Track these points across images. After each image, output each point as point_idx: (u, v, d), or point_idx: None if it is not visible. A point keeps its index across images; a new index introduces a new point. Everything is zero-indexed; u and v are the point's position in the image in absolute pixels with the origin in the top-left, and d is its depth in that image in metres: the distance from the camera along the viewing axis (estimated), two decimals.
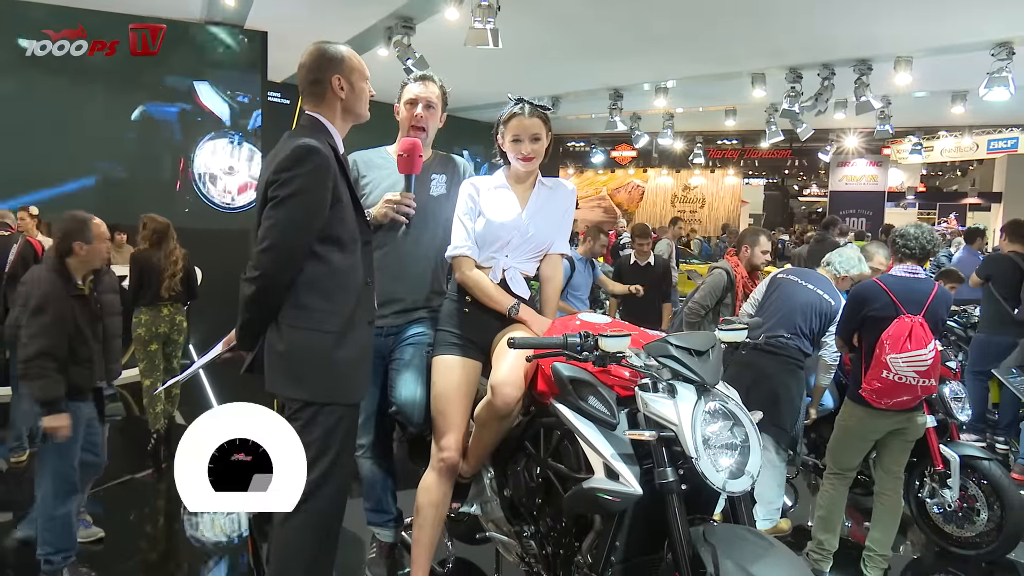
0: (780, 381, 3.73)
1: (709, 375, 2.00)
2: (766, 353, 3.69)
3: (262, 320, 2.21)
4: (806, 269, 4.26)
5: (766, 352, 3.68)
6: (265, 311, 2.19)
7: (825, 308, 3.78)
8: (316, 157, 2.14)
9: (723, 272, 4.62)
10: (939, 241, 3.48)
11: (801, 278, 3.93)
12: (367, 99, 2.38)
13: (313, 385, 2.14)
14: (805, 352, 3.79)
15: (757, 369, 3.71)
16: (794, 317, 3.74)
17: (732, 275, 4.60)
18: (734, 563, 1.76)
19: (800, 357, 3.78)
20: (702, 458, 1.86)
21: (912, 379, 3.18)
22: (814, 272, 4.04)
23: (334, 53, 2.30)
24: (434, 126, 2.85)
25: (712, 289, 4.58)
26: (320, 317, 2.18)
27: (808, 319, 3.76)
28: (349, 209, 2.26)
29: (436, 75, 2.87)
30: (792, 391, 3.76)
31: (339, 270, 2.22)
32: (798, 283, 3.89)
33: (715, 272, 4.68)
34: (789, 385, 3.75)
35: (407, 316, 2.76)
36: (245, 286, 2.17)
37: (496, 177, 2.70)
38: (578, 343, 2.02)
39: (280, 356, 2.18)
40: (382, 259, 2.71)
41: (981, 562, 3.75)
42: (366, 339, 2.33)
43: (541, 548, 2.41)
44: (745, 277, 4.60)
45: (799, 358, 3.78)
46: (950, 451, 3.70)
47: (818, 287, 3.84)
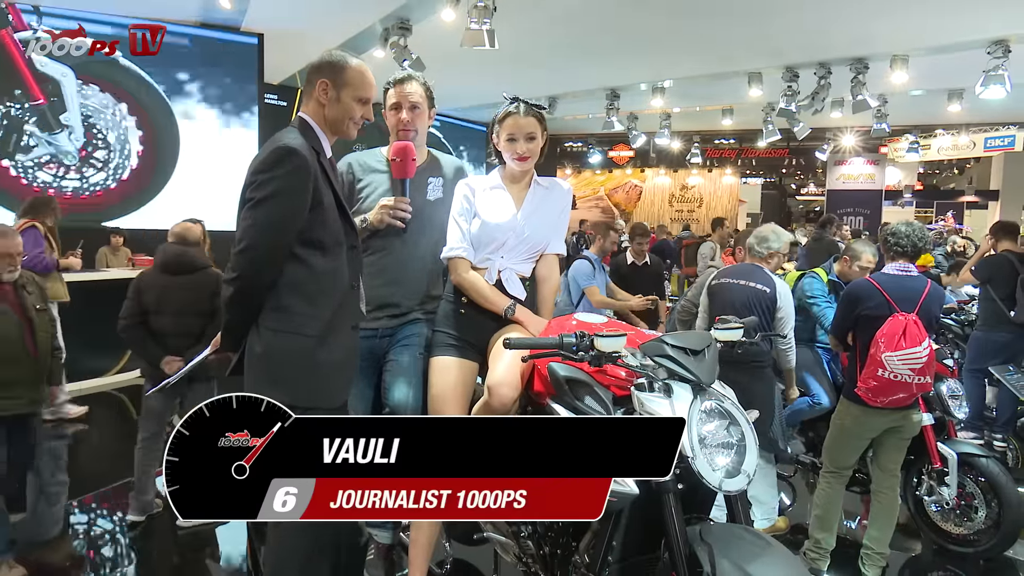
0: (747, 389, 3.69)
1: (705, 374, 2.00)
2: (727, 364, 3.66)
3: (244, 322, 2.20)
4: (735, 266, 4.26)
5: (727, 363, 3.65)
6: (246, 313, 2.18)
7: (762, 297, 3.76)
8: (294, 159, 2.13)
9: (714, 271, 4.62)
10: (930, 239, 3.49)
11: (733, 277, 3.93)
12: (354, 118, 2.32)
13: (292, 389, 2.09)
14: (764, 350, 3.76)
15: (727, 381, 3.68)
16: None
17: None
18: (731, 562, 1.77)
19: (761, 356, 3.75)
20: (698, 457, 1.87)
21: (907, 377, 3.19)
22: (743, 265, 4.03)
23: (336, 60, 2.28)
24: (423, 126, 2.80)
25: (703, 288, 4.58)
26: (301, 320, 2.17)
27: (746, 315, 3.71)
28: (332, 212, 2.25)
29: (417, 74, 2.80)
30: (761, 395, 3.73)
31: (322, 273, 2.21)
32: (731, 283, 3.89)
33: (708, 271, 4.69)
34: (755, 391, 3.69)
35: (402, 319, 2.76)
36: (225, 288, 2.18)
37: (491, 177, 2.70)
38: (574, 343, 2.02)
39: (260, 359, 2.17)
40: (379, 263, 2.71)
41: (979, 559, 3.76)
42: (349, 343, 2.33)
43: (539, 548, 2.41)
44: None
45: (761, 358, 3.75)
46: (948, 449, 3.71)
47: (750, 280, 3.83)
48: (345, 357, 2.30)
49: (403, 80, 2.75)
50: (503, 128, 2.58)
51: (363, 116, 2.34)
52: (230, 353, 2.30)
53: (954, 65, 9.39)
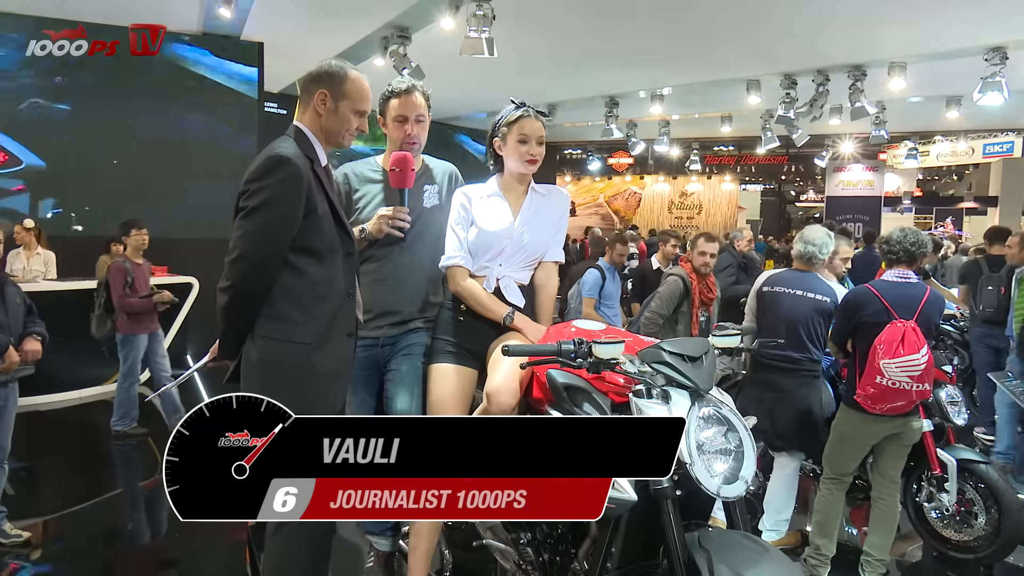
0: (801, 396, 3.72)
1: (703, 381, 2.01)
2: (782, 370, 3.69)
3: (239, 329, 2.21)
4: (788, 273, 3.92)
5: (782, 369, 3.68)
6: (241, 321, 2.19)
7: (822, 307, 3.71)
8: (287, 167, 2.14)
9: (679, 280, 4.59)
10: (926, 242, 3.48)
11: (787, 286, 3.79)
12: (350, 129, 2.33)
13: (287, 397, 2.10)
14: (816, 360, 3.75)
15: (777, 387, 3.71)
16: (796, 331, 3.67)
17: (688, 282, 4.57)
18: (729, 568, 1.77)
19: (815, 368, 3.75)
20: (696, 463, 1.87)
21: (906, 384, 3.19)
22: (797, 273, 3.85)
23: (335, 70, 2.28)
24: (425, 137, 2.81)
25: (668, 297, 4.55)
26: (295, 328, 2.18)
27: (809, 328, 3.70)
28: (327, 220, 2.25)
29: (418, 84, 2.79)
30: (814, 404, 3.74)
31: (316, 281, 2.22)
32: (784, 293, 3.77)
33: (670, 280, 4.64)
34: (809, 399, 3.73)
35: (403, 327, 2.75)
36: (220, 296, 2.19)
37: (488, 185, 2.70)
38: (572, 350, 2.03)
39: (254, 366, 2.18)
40: (378, 272, 2.72)
41: (979, 566, 3.75)
42: (344, 351, 2.33)
43: (538, 555, 2.41)
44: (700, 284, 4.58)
45: (815, 369, 3.75)
46: (947, 455, 3.70)
47: (808, 290, 3.75)
48: (341, 365, 2.30)
49: (407, 91, 2.75)
50: (514, 130, 2.58)
51: (359, 128, 2.35)
52: (227, 361, 2.31)
53: (952, 72, 9.42)
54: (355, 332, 2.41)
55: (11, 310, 3.60)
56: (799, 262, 3.88)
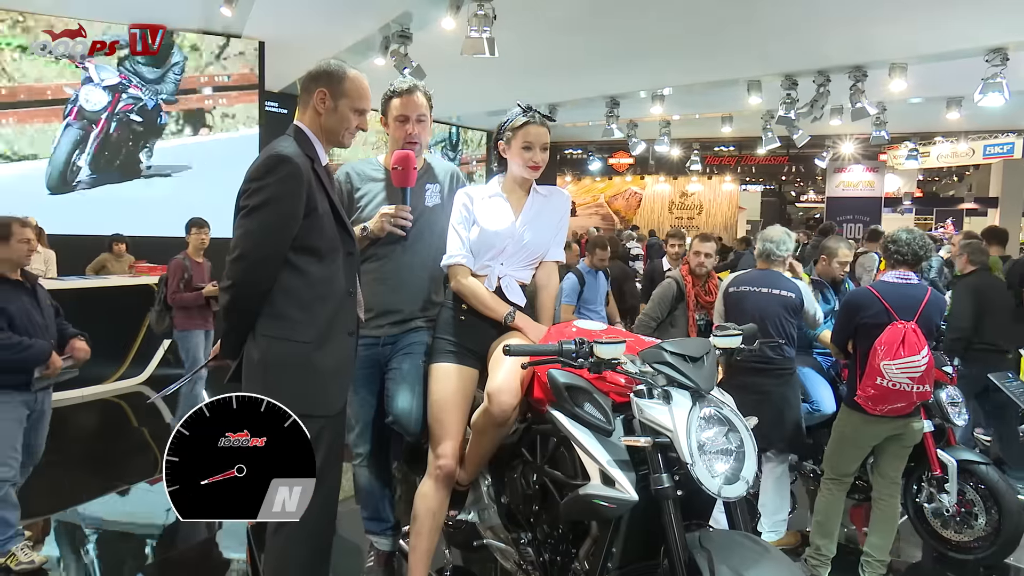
0: (780, 395, 3.71)
1: (704, 381, 2.00)
2: (758, 371, 3.67)
3: (240, 329, 2.21)
4: (752, 273, 3.98)
5: (759, 370, 3.66)
6: (242, 320, 2.19)
7: (788, 303, 3.72)
8: (287, 166, 2.14)
9: (672, 282, 4.55)
10: (931, 246, 3.48)
11: (752, 284, 3.82)
12: (350, 129, 2.33)
13: (288, 396, 2.06)
14: (789, 356, 3.75)
15: (757, 389, 3.67)
16: (765, 329, 3.63)
17: (682, 284, 4.51)
18: (730, 568, 1.76)
19: (789, 364, 3.76)
20: (697, 464, 1.87)
21: (906, 385, 3.19)
22: (761, 272, 3.89)
23: (334, 69, 2.28)
24: (427, 137, 2.82)
25: (660, 300, 4.52)
26: (296, 327, 2.18)
27: (777, 324, 3.69)
28: (328, 219, 2.25)
29: (419, 83, 2.79)
30: (793, 402, 3.76)
31: (317, 280, 2.22)
32: (750, 291, 3.79)
33: (663, 282, 4.61)
34: (788, 397, 3.74)
35: (404, 326, 2.76)
36: (221, 296, 2.20)
37: (490, 186, 2.71)
38: (573, 350, 2.03)
39: (256, 366, 2.18)
40: (380, 271, 2.72)
41: (979, 566, 3.75)
42: (345, 350, 2.33)
43: (538, 555, 2.41)
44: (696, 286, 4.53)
45: (788, 365, 3.76)
46: (947, 456, 3.71)
47: (772, 287, 3.75)
48: (341, 364, 2.30)
49: (409, 91, 2.75)
50: (519, 135, 2.58)
51: (359, 126, 2.35)
52: (228, 360, 2.31)
53: (952, 73, 9.43)
54: (356, 331, 2.41)
55: (46, 312, 3.57)
56: (760, 260, 3.96)
